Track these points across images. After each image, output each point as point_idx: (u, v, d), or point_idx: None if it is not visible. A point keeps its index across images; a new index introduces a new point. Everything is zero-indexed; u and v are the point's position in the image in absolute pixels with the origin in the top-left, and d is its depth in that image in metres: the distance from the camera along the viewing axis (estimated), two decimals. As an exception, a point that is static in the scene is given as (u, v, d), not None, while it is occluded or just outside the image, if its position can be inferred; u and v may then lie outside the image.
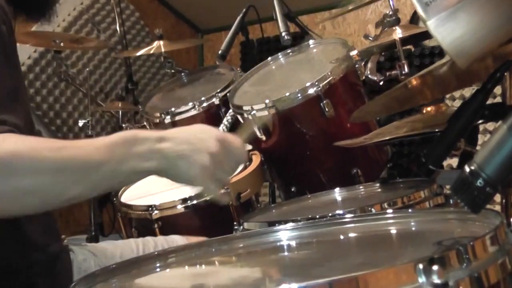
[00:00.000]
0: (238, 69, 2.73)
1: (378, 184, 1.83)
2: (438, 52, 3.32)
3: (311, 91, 2.09)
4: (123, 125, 3.14)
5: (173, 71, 3.14)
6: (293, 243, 1.16)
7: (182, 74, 3.07)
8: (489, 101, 1.21)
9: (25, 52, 3.45)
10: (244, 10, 2.95)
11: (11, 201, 1.04)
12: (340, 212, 1.51)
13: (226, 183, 1.27)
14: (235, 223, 1.77)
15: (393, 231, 1.11)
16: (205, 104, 2.50)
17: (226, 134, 1.25)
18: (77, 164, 1.07)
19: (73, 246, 1.50)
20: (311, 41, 2.49)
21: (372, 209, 1.44)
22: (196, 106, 2.49)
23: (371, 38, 2.21)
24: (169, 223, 2.00)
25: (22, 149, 1.04)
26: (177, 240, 1.70)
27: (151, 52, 3.14)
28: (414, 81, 1.40)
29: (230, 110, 2.26)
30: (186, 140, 1.16)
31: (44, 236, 1.37)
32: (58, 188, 1.07)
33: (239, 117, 2.19)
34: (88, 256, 1.47)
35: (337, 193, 1.84)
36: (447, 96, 3.26)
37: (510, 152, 0.80)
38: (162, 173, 1.14)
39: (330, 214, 1.45)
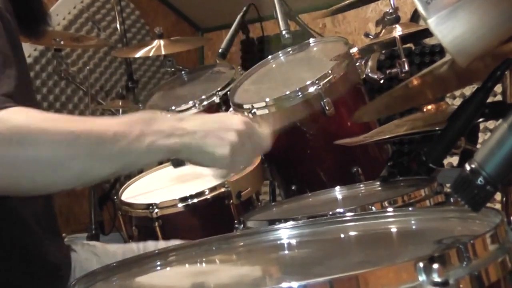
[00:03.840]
0: (239, 67, 2.73)
1: (378, 183, 1.83)
2: (438, 51, 3.32)
3: (312, 89, 2.09)
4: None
5: (173, 69, 3.14)
6: (293, 241, 1.16)
7: (183, 72, 3.06)
8: (490, 100, 1.21)
9: (26, 51, 3.39)
10: (244, 8, 2.95)
11: (23, 171, 1.01)
12: (341, 210, 1.51)
13: (247, 166, 1.25)
14: (235, 221, 1.77)
15: (394, 229, 1.11)
16: (205, 103, 2.49)
17: (249, 118, 1.23)
18: (92, 136, 1.03)
19: (75, 245, 1.50)
20: (311, 40, 2.49)
21: (373, 208, 1.44)
22: (197, 105, 2.49)
23: (371, 36, 2.21)
24: (169, 222, 2.00)
25: (34, 121, 1.02)
26: None
27: (151, 52, 3.14)
28: (415, 81, 1.40)
29: (231, 109, 2.26)
30: (211, 120, 1.14)
31: (46, 237, 1.37)
32: (71, 160, 1.03)
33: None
34: (90, 256, 1.47)
35: (338, 192, 1.84)
36: (447, 94, 3.26)
37: (511, 150, 0.80)
38: (184, 152, 1.10)
39: (330, 213, 1.45)
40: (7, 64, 1.12)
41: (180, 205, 2.01)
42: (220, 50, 2.88)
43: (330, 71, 2.11)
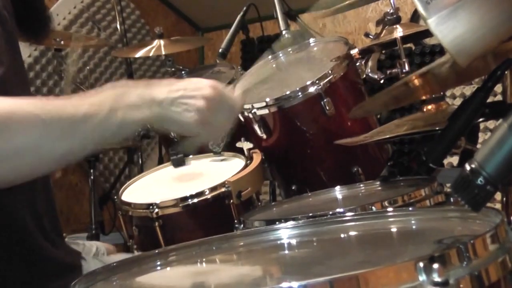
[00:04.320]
0: (239, 67, 2.73)
1: (378, 182, 1.83)
2: (438, 50, 3.32)
3: (312, 89, 2.09)
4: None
5: (173, 69, 3.14)
6: (293, 241, 1.16)
7: (183, 72, 3.06)
8: (490, 99, 1.21)
9: (26, 51, 3.44)
10: (244, 8, 2.95)
11: (4, 163, 1.01)
12: (341, 210, 1.51)
13: (221, 132, 1.28)
14: (235, 221, 1.77)
15: (394, 229, 1.11)
16: (205, 103, 2.49)
17: (219, 84, 1.26)
18: (64, 118, 1.05)
19: (86, 255, 1.50)
20: (311, 40, 2.49)
21: (373, 207, 1.44)
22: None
23: (371, 36, 2.21)
24: (169, 222, 2.00)
25: (6, 108, 1.02)
26: None
27: (151, 52, 3.14)
28: (414, 79, 1.40)
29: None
30: (180, 87, 1.16)
31: (47, 238, 1.36)
32: (47, 144, 1.04)
33: (239, 115, 2.19)
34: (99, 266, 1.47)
35: (338, 191, 1.84)
36: (448, 94, 3.26)
37: (511, 150, 0.80)
38: (155, 121, 1.13)
39: (330, 212, 1.45)
40: None
41: (180, 205, 2.00)
42: (220, 50, 2.88)
43: (330, 71, 2.11)
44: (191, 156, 2.37)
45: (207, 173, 2.21)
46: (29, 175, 1.12)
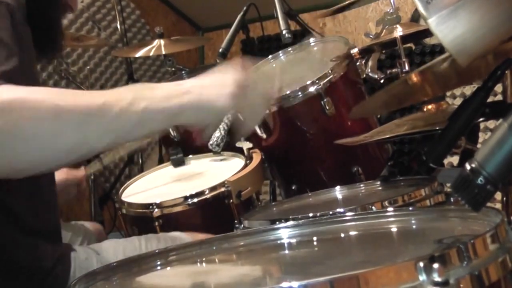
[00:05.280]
0: (239, 67, 2.72)
1: (378, 182, 1.83)
2: (439, 50, 3.32)
3: (312, 89, 2.09)
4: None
5: (173, 69, 3.14)
6: (293, 241, 1.16)
7: (183, 72, 3.06)
8: (490, 99, 1.21)
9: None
10: (244, 8, 2.95)
11: (12, 149, 0.97)
12: (341, 210, 1.51)
13: (262, 113, 1.22)
14: (235, 221, 1.77)
15: (394, 229, 1.11)
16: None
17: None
18: (80, 104, 0.99)
19: (73, 244, 1.50)
20: (311, 39, 2.49)
21: (373, 207, 1.44)
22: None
23: (371, 36, 2.21)
24: (169, 221, 2.00)
25: (20, 95, 0.98)
26: (181, 236, 1.70)
27: (152, 51, 3.14)
28: (414, 77, 1.40)
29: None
30: (207, 77, 1.11)
31: (44, 238, 1.37)
32: (61, 131, 0.98)
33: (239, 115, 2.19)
34: (90, 255, 1.47)
35: (338, 191, 1.84)
36: (448, 94, 3.26)
37: (511, 150, 0.79)
38: (185, 114, 1.05)
39: (330, 212, 1.45)
40: (9, 56, 1.10)
41: (180, 204, 2.00)
42: (220, 50, 2.88)
43: (330, 71, 2.11)
44: (190, 156, 2.37)
45: (207, 173, 2.21)
46: (43, 164, 1.05)
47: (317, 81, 2.09)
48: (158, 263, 1.11)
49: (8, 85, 0.99)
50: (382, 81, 2.18)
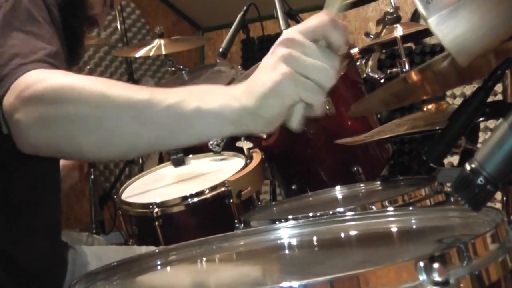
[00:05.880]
0: (239, 67, 2.73)
1: (378, 182, 1.83)
2: (439, 50, 3.32)
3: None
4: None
5: (174, 68, 3.14)
6: (293, 241, 1.16)
7: (183, 72, 3.06)
8: (490, 99, 1.21)
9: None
10: (245, 8, 2.95)
11: (58, 131, 1.00)
12: (341, 210, 1.51)
13: (333, 64, 0.91)
14: (235, 221, 1.77)
15: (394, 229, 1.11)
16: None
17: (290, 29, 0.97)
18: (122, 96, 0.97)
19: (77, 245, 1.50)
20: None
21: (373, 207, 1.44)
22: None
23: (372, 36, 2.21)
24: (170, 221, 2.00)
25: (70, 81, 1.01)
26: None
27: (152, 51, 3.14)
28: (414, 76, 1.40)
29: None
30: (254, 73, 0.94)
31: (45, 238, 1.37)
32: (112, 122, 0.97)
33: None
34: (90, 255, 1.47)
35: (338, 191, 1.84)
36: (448, 93, 3.27)
37: (511, 150, 0.79)
38: (242, 116, 0.91)
39: (330, 212, 1.45)
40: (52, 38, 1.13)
41: (180, 204, 2.01)
42: (220, 50, 2.88)
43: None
44: (190, 156, 2.38)
45: (207, 173, 2.21)
46: (88, 152, 1.04)
47: (317, 81, 2.08)
48: (158, 263, 1.11)
49: (54, 70, 1.03)
50: (382, 80, 2.18)
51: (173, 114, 0.94)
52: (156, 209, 1.97)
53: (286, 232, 1.17)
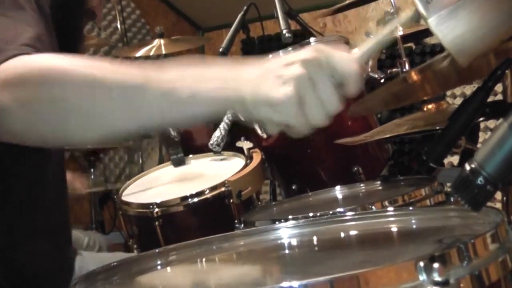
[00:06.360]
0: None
1: (379, 182, 1.83)
2: (439, 50, 3.32)
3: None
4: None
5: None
6: (293, 241, 1.16)
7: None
8: (490, 99, 1.21)
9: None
10: (245, 8, 2.95)
11: (40, 115, 0.95)
12: (341, 210, 1.51)
13: (334, 109, 0.92)
14: (236, 221, 1.77)
15: (394, 229, 1.11)
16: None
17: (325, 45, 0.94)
18: (114, 81, 0.94)
19: (79, 249, 1.50)
20: (312, 39, 2.49)
21: (373, 207, 1.44)
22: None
23: (372, 36, 2.21)
24: (170, 221, 2.00)
25: (57, 63, 0.97)
26: None
27: (152, 51, 3.14)
28: (414, 76, 1.40)
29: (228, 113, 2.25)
30: (273, 59, 0.93)
31: (54, 244, 1.36)
32: (92, 106, 0.94)
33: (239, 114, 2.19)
34: (97, 263, 1.47)
35: (338, 191, 1.84)
36: (448, 93, 3.27)
37: (511, 150, 0.79)
38: (237, 104, 0.91)
39: (330, 212, 1.45)
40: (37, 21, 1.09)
41: (180, 204, 2.00)
42: (220, 50, 2.88)
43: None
44: (191, 156, 2.38)
45: (207, 173, 2.21)
46: (70, 138, 1.01)
47: (317, 81, 2.08)
48: (158, 263, 1.11)
49: (45, 54, 0.99)
50: (382, 80, 2.18)
51: (166, 102, 0.93)
52: (156, 209, 1.97)
53: (286, 232, 1.17)
